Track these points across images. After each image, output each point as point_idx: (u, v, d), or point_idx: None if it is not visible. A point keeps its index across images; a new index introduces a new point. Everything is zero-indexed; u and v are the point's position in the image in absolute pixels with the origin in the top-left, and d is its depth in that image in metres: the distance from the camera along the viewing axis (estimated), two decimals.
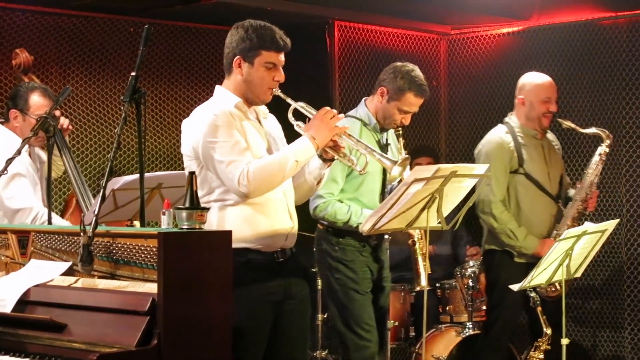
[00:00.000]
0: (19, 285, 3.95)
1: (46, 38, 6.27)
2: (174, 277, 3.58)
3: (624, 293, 6.82)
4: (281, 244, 4.43)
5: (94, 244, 3.83)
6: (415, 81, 5.27)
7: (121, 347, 3.50)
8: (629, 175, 6.78)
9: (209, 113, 4.33)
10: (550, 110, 5.67)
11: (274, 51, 4.35)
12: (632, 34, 6.83)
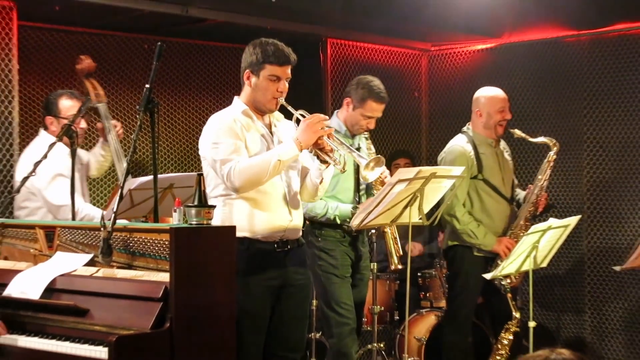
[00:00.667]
0: (46, 274, 3.95)
1: (70, 54, 6.24)
2: (184, 267, 3.59)
3: (584, 281, 6.82)
4: (280, 235, 4.45)
5: (113, 238, 3.84)
6: (374, 90, 5.30)
7: (137, 330, 3.52)
8: (590, 176, 6.78)
9: (215, 119, 4.44)
10: (505, 118, 5.68)
11: (277, 65, 4.39)
12: (593, 51, 6.82)
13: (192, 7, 6.06)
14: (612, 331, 6.73)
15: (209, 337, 3.69)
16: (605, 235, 6.75)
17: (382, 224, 4.82)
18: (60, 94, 5.25)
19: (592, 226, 6.68)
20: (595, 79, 6.80)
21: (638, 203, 6.58)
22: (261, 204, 4.40)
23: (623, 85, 6.67)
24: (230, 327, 3.80)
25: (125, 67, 6.61)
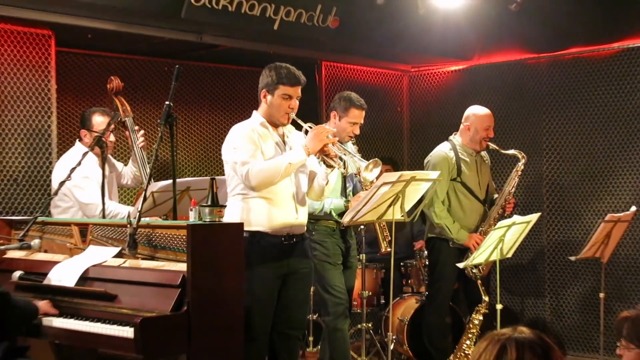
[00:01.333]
0: (80, 265, 3.97)
1: (101, 75, 6.25)
2: (199, 258, 3.61)
3: (544, 269, 6.83)
4: (287, 230, 4.50)
5: (137, 233, 3.86)
6: (354, 100, 5.34)
7: (159, 312, 3.54)
8: (548, 179, 6.80)
9: (237, 128, 4.50)
10: (489, 136, 5.68)
11: (289, 85, 4.46)
12: (551, 71, 6.84)
13: (205, 35, 6.10)
14: (568, 312, 6.74)
15: (220, 318, 3.70)
16: (562, 230, 6.77)
17: (370, 220, 4.83)
18: (94, 111, 5.25)
19: (550, 222, 6.70)
20: (552, 95, 6.82)
21: (590, 202, 6.60)
22: (273, 202, 4.45)
23: (577, 101, 6.68)
24: (239, 309, 3.81)
25: (148, 87, 6.63)
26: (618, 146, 6.48)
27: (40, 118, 5.68)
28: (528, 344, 1.93)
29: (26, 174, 5.58)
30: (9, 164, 5.54)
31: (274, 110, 4.51)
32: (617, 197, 6.45)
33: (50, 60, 5.72)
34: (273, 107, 4.51)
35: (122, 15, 5.60)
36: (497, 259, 5.00)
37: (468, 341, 5.38)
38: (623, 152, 6.46)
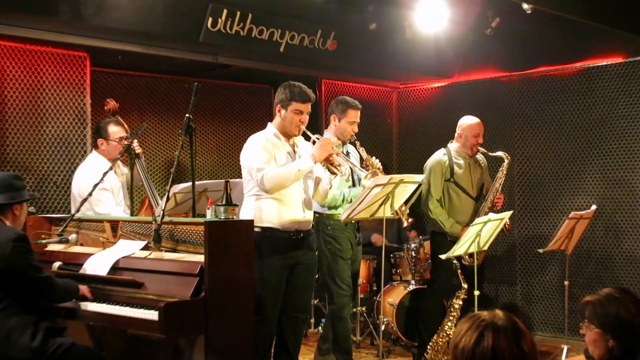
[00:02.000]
0: (111, 256, 3.98)
1: (129, 91, 6.28)
2: (215, 251, 3.62)
3: (516, 260, 6.83)
4: (296, 226, 4.53)
5: (161, 229, 3.87)
6: (349, 102, 5.36)
7: (180, 298, 3.56)
8: (519, 182, 6.80)
9: (253, 138, 4.54)
10: (478, 142, 5.68)
11: (300, 102, 4.51)
12: (521, 88, 6.85)
13: (220, 56, 6.11)
14: (536, 298, 6.74)
15: (233, 303, 3.71)
16: (531, 226, 6.77)
17: (363, 217, 4.84)
18: (109, 122, 5.16)
19: (521, 219, 6.70)
20: (523, 109, 6.82)
21: (555, 201, 6.60)
22: (283, 203, 4.47)
23: (544, 113, 6.69)
24: (249, 295, 3.82)
25: (171, 101, 6.64)
26: (580, 152, 6.49)
27: (77, 129, 5.68)
28: (503, 331, 1.93)
29: (64, 177, 5.59)
30: (50, 169, 5.55)
31: (286, 123, 4.54)
32: (579, 197, 6.45)
33: (86, 78, 5.73)
34: (286, 120, 4.53)
35: (148, 39, 5.62)
36: (475, 251, 5.00)
37: (449, 323, 5.37)
38: (584, 158, 6.46)
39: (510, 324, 1.96)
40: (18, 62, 5.41)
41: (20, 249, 3.57)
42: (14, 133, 5.41)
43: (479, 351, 1.92)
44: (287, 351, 4.70)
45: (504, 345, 1.92)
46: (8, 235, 3.58)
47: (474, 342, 1.93)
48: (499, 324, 1.95)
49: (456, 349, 1.97)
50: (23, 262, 3.57)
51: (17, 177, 3.87)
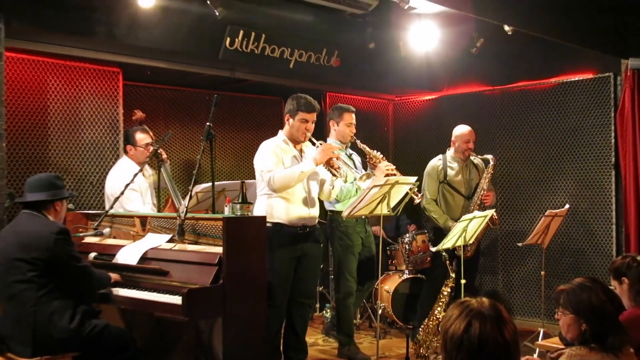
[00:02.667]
0: (140, 248, 3.99)
1: (156, 102, 6.28)
2: (232, 243, 3.63)
3: (498, 252, 6.82)
4: (302, 222, 4.54)
5: (185, 224, 3.87)
6: (342, 107, 5.37)
7: (201, 285, 3.57)
8: (500, 183, 6.76)
9: (265, 144, 4.56)
10: (469, 148, 5.69)
11: (306, 112, 4.54)
12: (503, 100, 6.83)
13: (237, 71, 6.11)
14: (516, 286, 6.72)
15: (248, 290, 3.71)
16: (511, 223, 6.75)
17: (363, 214, 4.83)
18: (135, 130, 5.13)
19: (502, 216, 6.66)
20: (504, 119, 6.80)
21: (533, 201, 6.58)
22: (290, 201, 4.49)
23: (523, 123, 6.67)
24: (262, 283, 3.82)
25: (193, 111, 6.64)
26: (554, 157, 6.47)
27: (110, 136, 5.69)
28: (489, 319, 1.93)
29: (99, 178, 5.60)
30: (86, 171, 5.56)
31: (294, 131, 4.55)
32: (554, 197, 6.43)
33: (119, 91, 5.74)
34: (294, 128, 4.54)
35: (173, 57, 5.63)
36: (461, 244, 5.00)
37: (439, 308, 5.35)
38: (558, 162, 6.44)
39: (495, 313, 1.96)
40: (59, 77, 5.43)
41: (62, 240, 3.57)
42: (55, 139, 5.43)
43: (467, 338, 1.91)
44: (295, 332, 4.71)
45: (489, 333, 1.92)
46: (51, 228, 3.59)
47: (463, 329, 1.93)
48: (485, 313, 1.94)
49: (446, 334, 1.97)
50: (65, 252, 3.58)
51: (57, 178, 3.87)
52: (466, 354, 1.90)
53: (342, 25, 6.19)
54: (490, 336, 1.91)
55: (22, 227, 3.64)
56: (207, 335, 3.80)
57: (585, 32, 5.40)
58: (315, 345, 5.72)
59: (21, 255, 3.52)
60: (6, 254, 3.58)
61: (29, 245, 3.53)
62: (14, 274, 3.51)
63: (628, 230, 5.87)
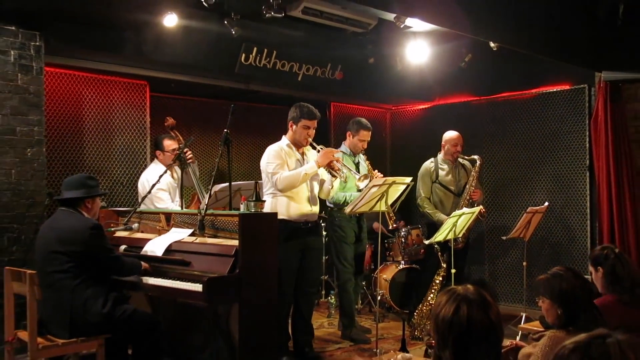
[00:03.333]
0: (165, 241, 3.99)
1: (179, 111, 6.28)
2: (247, 237, 3.62)
3: (484, 245, 6.79)
4: (305, 218, 4.51)
5: (205, 219, 3.87)
6: (362, 123, 5.33)
7: (219, 274, 3.56)
8: (488, 183, 6.73)
9: (271, 148, 4.52)
10: (457, 151, 5.68)
11: (308, 119, 4.50)
12: (489, 109, 6.81)
13: (251, 84, 6.12)
14: (501, 275, 6.69)
15: (260, 278, 3.70)
16: (496, 218, 6.71)
17: (364, 211, 4.83)
18: (164, 137, 5.16)
19: (488, 213, 6.62)
20: (490, 126, 6.77)
21: (516, 199, 6.55)
22: (294, 200, 4.46)
23: (506, 129, 6.64)
24: (273, 272, 3.81)
25: (212, 119, 6.64)
26: (535, 160, 6.44)
27: (139, 141, 5.71)
28: (475, 303, 1.93)
29: (129, 180, 5.61)
30: (118, 172, 5.58)
31: (297, 136, 4.52)
32: (535, 195, 6.40)
33: (146, 101, 5.75)
34: (297, 133, 4.52)
35: (194, 71, 5.64)
36: (452, 237, 4.98)
37: (432, 295, 5.35)
38: (538, 164, 6.42)
39: (480, 297, 1.95)
40: (93, 89, 5.45)
41: (96, 235, 3.58)
42: (90, 144, 5.45)
43: (457, 320, 1.91)
44: (303, 317, 4.71)
45: (476, 314, 1.91)
46: (86, 224, 3.60)
47: (452, 312, 1.92)
48: (471, 298, 1.94)
49: (437, 317, 1.96)
50: (98, 245, 3.59)
51: (90, 178, 3.88)
52: (457, 334, 1.90)
53: (345, 43, 6.18)
54: (477, 317, 1.91)
55: (60, 223, 3.64)
56: (225, 319, 3.80)
57: (563, 48, 5.39)
58: (322, 327, 5.71)
59: (59, 248, 3.53)
60: (46, 247, 3.59)
61: (66, 239, 3.54)
62: (53, 264, 3.52)
63: (601, 225, 5.84)
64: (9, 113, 4.32)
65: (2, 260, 4.20)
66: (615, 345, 1.40)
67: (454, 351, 1.89)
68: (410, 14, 4.12)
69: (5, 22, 4.28)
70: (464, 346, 1.89)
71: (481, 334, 1.90)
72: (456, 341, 1.90)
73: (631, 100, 5.91)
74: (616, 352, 1.38)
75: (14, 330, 3.66)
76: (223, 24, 5.14)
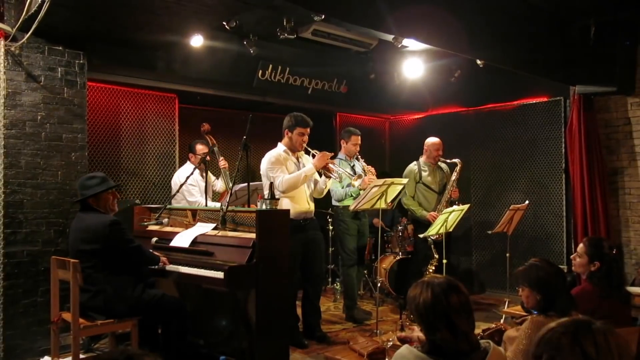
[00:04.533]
0: (192, 234, 3.98)
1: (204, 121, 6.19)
2: (263, 230, 3.60)
3: (472, 239, 6.75)
4: (304, 215, 4.47)
5: (226, 215, 3.85)
6: (352, 130, 5.30)
7: (239, 263, 3.54)
8: (475, 184, 6.72)
9: (270, 154, 4.46)
10: (439, 155, 5.64)
11: (302, 127, 4.43)
12: (476, 118, 6.77)
13: (267, 97, 6.10)
14: (486, 265, 6.65)
15: (275, 267, 3.68)
16: (482, 214, 6.67)
17: (365, 208, 4.80)
18: (197, 142, 5.22)
19: (475, 210, 6.61)
20: (476, 133, 6.73)
21: (499, 197, 6.51)
22: (294, 200, 4.41)
23: (491, 136, 6.60)
24: (286, 262, 3.79)
25: (233, 127, 6.63)
26: (517, 163, 6.40)
27: (169, 148, 5.71)
28: (439, 285, 1.94)
29: (160, 180, 5.62)
30: (150, 174, 5.59)
31: (293, 142, 4.46)
32: (517, 195, 6.34)
33: (175, 112, 5.76)
34: (292, 140, 4.46)
35: (218, 85, 5.64)
36: (444, 231, 4.95)
37: None
38: (519, 167, 6.37)
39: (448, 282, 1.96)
40: (129, 101, 5.46)
41: (115, 229, 3.51)
42: (126, 149, 5.45)
43: (437, 302, 1.91)
44: (311, 301, 4.69)
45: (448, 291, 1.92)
46: (103, 221, 3.52)
47: (431, 297, 1.93)
48: (436, 282, 1.96)
49: (418, 305, 1.96)
50: (119, 238, 3.53)
51: (90, 177, 3.68)
52: (439, 313, 1.90)
53: (349, 60, 6.16)
54: (450, 298, 1.92)
55: (80, 224, 3.60)
56: (244, 303, 3.79)
57: (541, 65, 5.35)
58: (328, 311, 5.69)
59: (84, 247, 3.50)
60: (74, 247, 3.58)
61: (87, 239, 3.50)
62: (83, 261, 3.48)
63: (576, 220, 5.79)
64: (56, 122, 4.33)
65: (49, 251, 4.21)
66: (600, 331, 1.39)
67: (447, 328, 1.87)
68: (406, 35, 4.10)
69: (54, 43, 4.30)
70: (451, 321, 1.88)
71: (458, 310, 1.89)
72: (443, 318, 1.88)
73: (602, 110, 5.86)
74: (600, 338, 1.37)
75: (59, 312, 3.66)
76: (242, 44, 5.13)
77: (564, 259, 5.95)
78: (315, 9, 3.62)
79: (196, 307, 4.11)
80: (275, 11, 4.60)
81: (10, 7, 4.11)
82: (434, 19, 4.09)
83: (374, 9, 3.71)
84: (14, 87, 4.13)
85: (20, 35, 4.05)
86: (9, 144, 4.10)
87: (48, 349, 4.03)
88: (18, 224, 4.13)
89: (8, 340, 4.07)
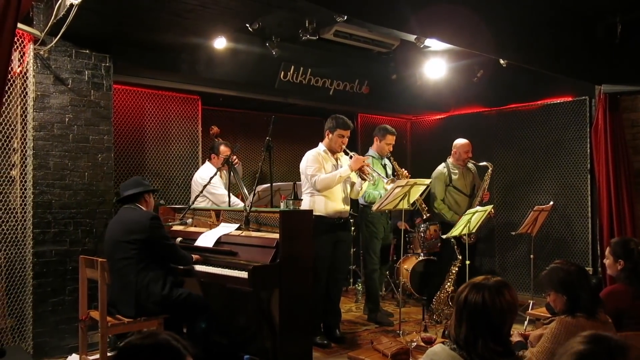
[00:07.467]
0: (216, 234, 4.01)
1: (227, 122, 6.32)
2: (286, 231, 3.62)
3: (495, 240, 6.67)
4: (338, 215, 4.50)
5: (250, 215, 3.88)
6: (388, 129, 5.29)
7: (262, 263, 3.56)
8: (498, 184, 6.63)
9: (310, 153, 4.52)
10: (468, 157, 5.62)
11: (343, 129, 4.49)
12: (499, 118, 6.71)
13: (289, 98, 6.12)
14: (509, 267, 6.58)
15: (298, 267, 3.70)
16: (506, 215, 6.60)
17: (389, 208, 4.79)
18: (221, 143, 5.28)
19: (499, 211, 6.55)
20: (500, 133, 6.66)
21: (523, 198, 6.43)
22: (329, 198, 4.46)
23: (514, 137, 6.53)
24: (309, 262, 3.80)
25: (256, 128, 6.67)
26: (541, 164, 6.32)
27: (191, 148, 5.76)
28: (487, 288, 1.91)
29: (183, 181, 5.67)
30: (174, 175, 5.65)
31: (332, 143, 4.52)
32: (541, 195, 6.27)
33: (198, 113, 5.81)
34: (332, 141, 4.51)
35: (240, 87, 5.67)
36: (466, 232, 4.92)
37: (448, 283, 5.28)
38: (544, 168, 6.29)
39: (498, 285, 1.93)
40: (153, 103, 5.53)
41: (155, 225, 3.61)
42: (150, 150, 5.52)
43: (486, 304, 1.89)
44: (332, 301, 4.69)
45: (487, 297, 1.89)
46: (146, 215, 3.64)
47: (481, 299, 1.91)
48: (492, 280, 1.93)
49: (465, 302, 1.93)
50: (157, 233, 3.62)
51: (143, 178, 3.93)
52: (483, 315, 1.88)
53: (371, 61, 6.15)
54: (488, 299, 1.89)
55: (123, 217, 3.70)
56: (267, 302, 3.81)
57: (566, 64, 5.28)
58: (350, 311, 5.68)
59: (124, 238, 3.58)
60: (113, 238, 3.65)
61: (130, 230, 3.59)
62: (119, 252, 3.57)
63: (601, 222, 5.69)
64: (83, 124, 4.41)
65: (77, 250, 4.29)
66: None
67: (489, 329, 1.86)
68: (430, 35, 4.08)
69: (81, 47, 4.38)
70: (494, 322, 1.86)
71: (503, 314, 1.87)
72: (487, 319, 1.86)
73: (628, 110, 5.76)
74: None
75: (87, 310, 3.72)
76: (265, 46, 5.16)
77: (589, 261, 5.86)
78: (337, 10, 3.63)
79: (220, 306, 4.15)
80: (297, 13, 4.62)
81: (39, 11, 4.21)
82: (457, 18, 4.06)
83: (397, 9, 3.71)
84: (42, 90, 4.22)
85: (48, 39, 4.14)
86: (37, 145, 4.18)
87: (76, 346, 4.10)
88: (47, 224, 4.21)
89: (37, 338, 4.15)
